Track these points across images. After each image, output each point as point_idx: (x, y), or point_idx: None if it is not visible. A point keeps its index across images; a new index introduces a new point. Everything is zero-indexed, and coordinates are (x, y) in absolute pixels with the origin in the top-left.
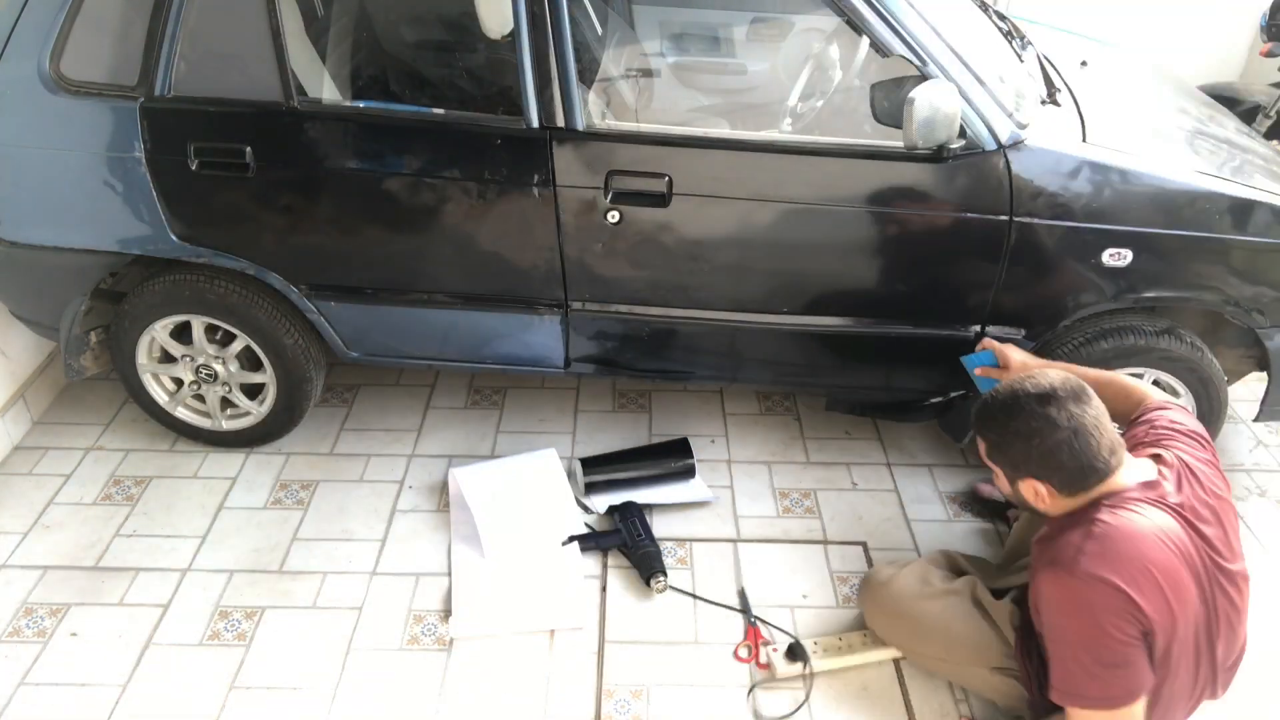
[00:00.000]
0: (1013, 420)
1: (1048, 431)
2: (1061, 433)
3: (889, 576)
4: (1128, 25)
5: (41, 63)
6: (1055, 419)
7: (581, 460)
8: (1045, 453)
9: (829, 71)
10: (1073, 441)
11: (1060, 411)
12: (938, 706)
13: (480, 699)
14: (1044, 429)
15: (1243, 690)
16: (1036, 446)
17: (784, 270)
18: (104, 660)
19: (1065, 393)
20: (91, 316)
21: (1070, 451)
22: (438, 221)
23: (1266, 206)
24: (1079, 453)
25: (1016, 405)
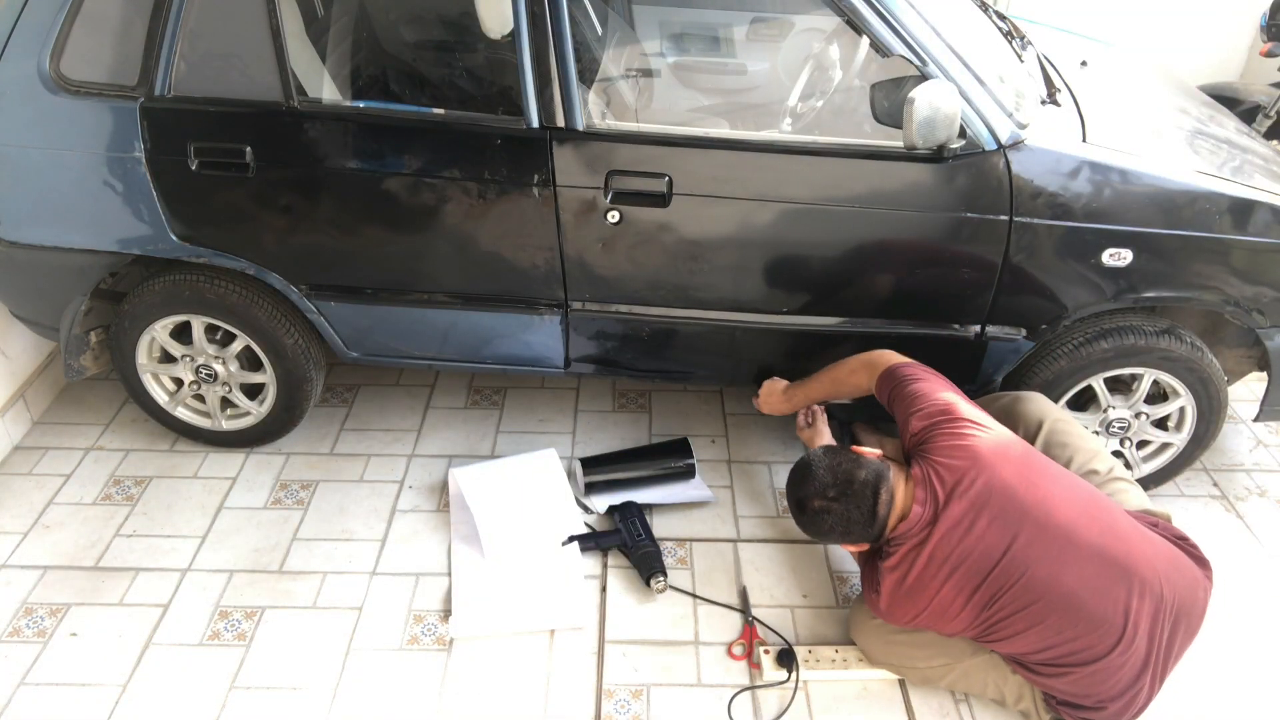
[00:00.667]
0: (800, 524)
1: (821, 525)
2: (828, 523)
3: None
4: (1128, 25)
5: (41, 63)
6: (819, 518)
7: (581, 460)
8: (831, 534)
9: (829, 71)
10: (839, 525)
11: (819, 510)
12: (937, 706)
13: (480, 699)
14: (818, 525)
15: (1243, 689)
16: (824, 533)
17: (784, 270)
18: (104, 660)
19: (815, 492)
20: (91, 316)
21: (845, 529)
22: (438, 221)
23: (1266, 206)
24: (851, 528)
25: (795, 515)
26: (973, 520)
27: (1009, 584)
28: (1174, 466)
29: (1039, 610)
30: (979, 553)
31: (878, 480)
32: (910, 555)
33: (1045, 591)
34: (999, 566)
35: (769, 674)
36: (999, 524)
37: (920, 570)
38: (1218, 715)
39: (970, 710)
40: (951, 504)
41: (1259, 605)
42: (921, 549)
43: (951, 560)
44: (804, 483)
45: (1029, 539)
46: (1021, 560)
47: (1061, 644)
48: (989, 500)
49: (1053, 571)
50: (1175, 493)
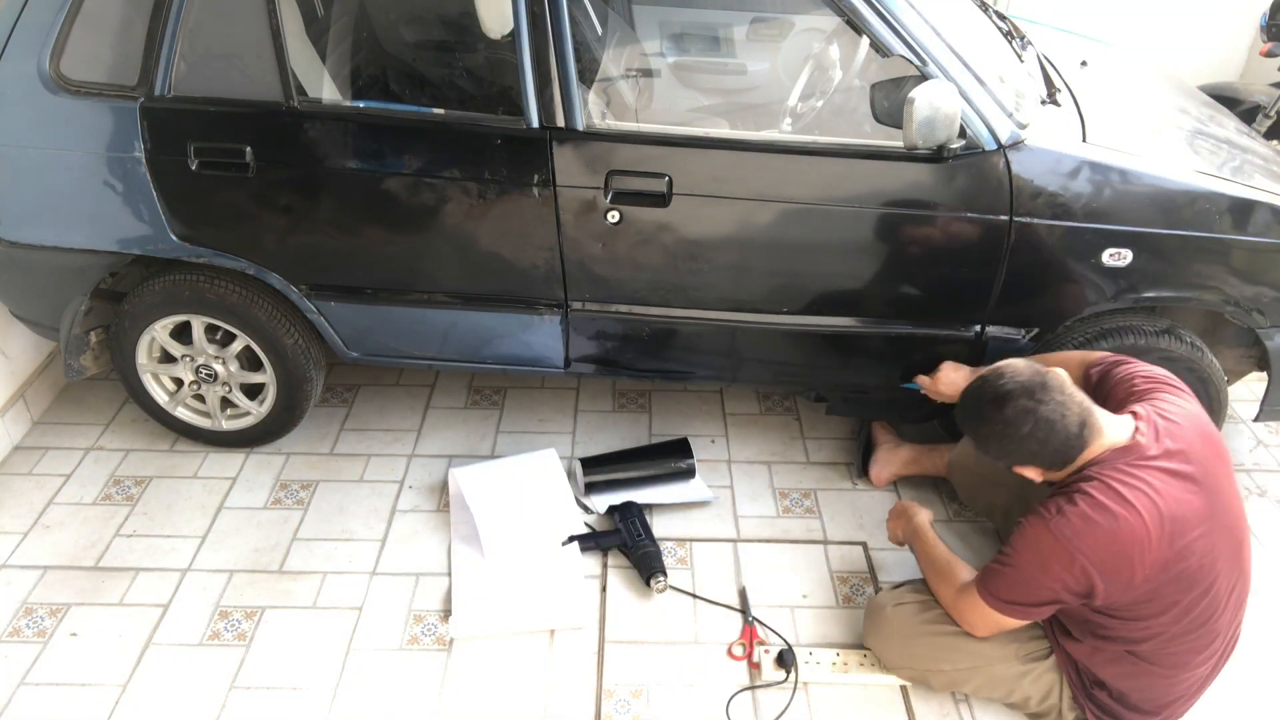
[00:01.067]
0: (981, 425)
1: (1012, 430)
2: (1024, 428)
3: (893, 602)
4: (1128, 25)
5: (41, 63)
6: (1014, 419)
7: (581, 460)
8: (1018, 445)
9: (829, 71)
10: (1037, 433)
11: (1016, 411)
12: (937, 707)
13: (480, 699)
14: (1008, 430)
15: (1243, 689)
16: (1009, 442)
17: (784, 270)
18: (104, 660)
19: (1019, 390)
20: (91, 316)
21: (1039, 441)
22: (438, 221)
23: (1266, 206)
24: (1047, 440)
25: (980, 413)
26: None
27: (1189, 559)
28: None
29: (1193, 599)
30: (1185, 510)
31: (1082, 399)
32: (1123, 477)
33: (1208, 586)
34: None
35: (768, 674)
36: (1204, 500)
37: (1134, 492)
38: (1218, 715)
39: (970, 711)
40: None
41: (1259, 605)
42: (1138, 472)
43: (1163, 499)
44: (1005, 381)
45: (1217, 530)
46: (1210, 546)
47: (1177, 638)
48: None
49: (1220, 570)
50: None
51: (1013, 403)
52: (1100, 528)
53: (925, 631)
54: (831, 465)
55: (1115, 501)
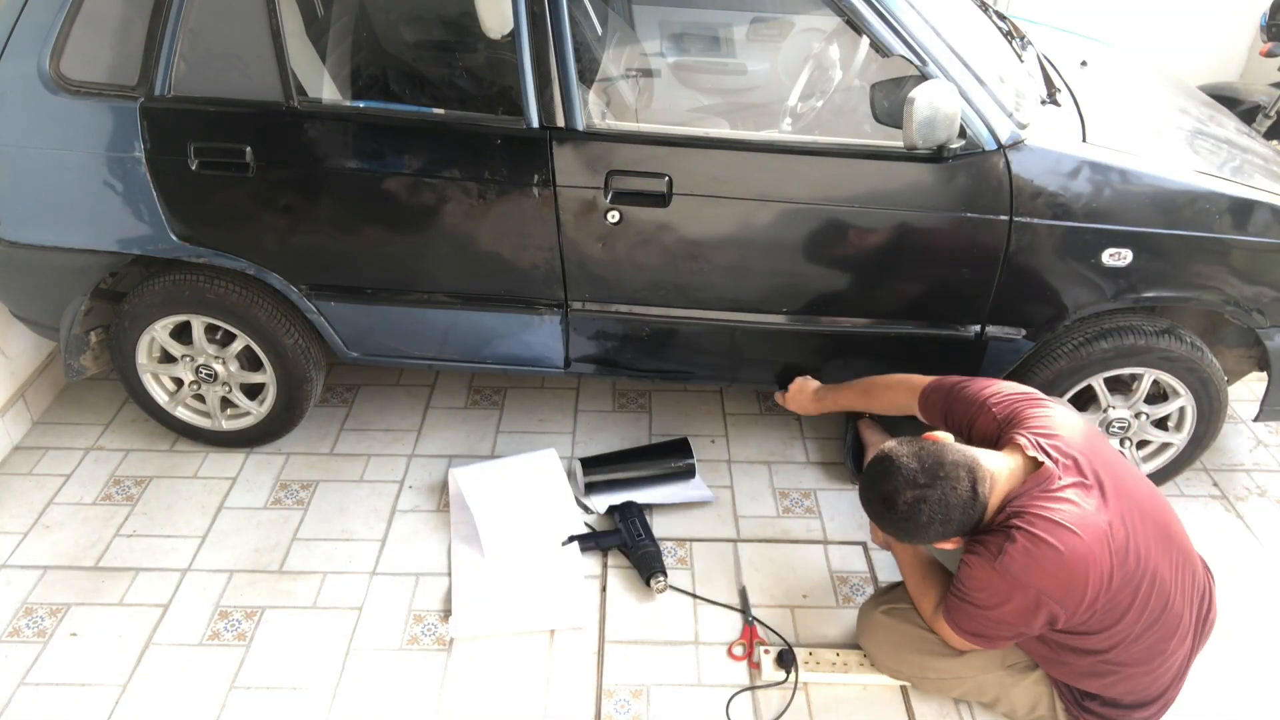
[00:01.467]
0: (885, 524)
1: (912, 522)
2: (921, 517)
3: (881, 609)
4: (1128, 25)
5: (41, 63)
6: (908, 513)
7: (581, 460)
8: (925, 531)
9: (829, 71)
10: (936, 517)
11: (906, 504)
12: (937, 707)
13: (480, 699)
14: (908, 523)
15: (1244, 689)
16: (916, 532)
17: (784, 270)
18: (104, 660)
19: (903, 483)
20: (91, 316)
21: (942, 522)
22: (438, 221)
23: (1266, 206)
24: (948, 519)
25: (877, 514)
26: (1089, 488)
27: (1128, 560)
28: (1174, 466)
29: (1143, 595)
30: (1107, 516)
31: (968, 459)
32: (1047, 504)
33: (1152, 577)
34: (1125, 540)
35: (768, 674)
36: (1115, 501)
37: (1065, 515)
38: (1219, 715)
39: (970, 711)
40: (1070, 469)
41: (1259, 605)
42: (1058, 496)
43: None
44: (888, 477)
45: (1136, 522)
46: (1138, 541)
47: (1142, 635)
48: (1099, 477)
49: (1155, 557)
50: (1175, 493)
51: (900, 497)
52: (1046, 559)
53: (912, 641)
54: (831, 465)
55: (1050, 531)
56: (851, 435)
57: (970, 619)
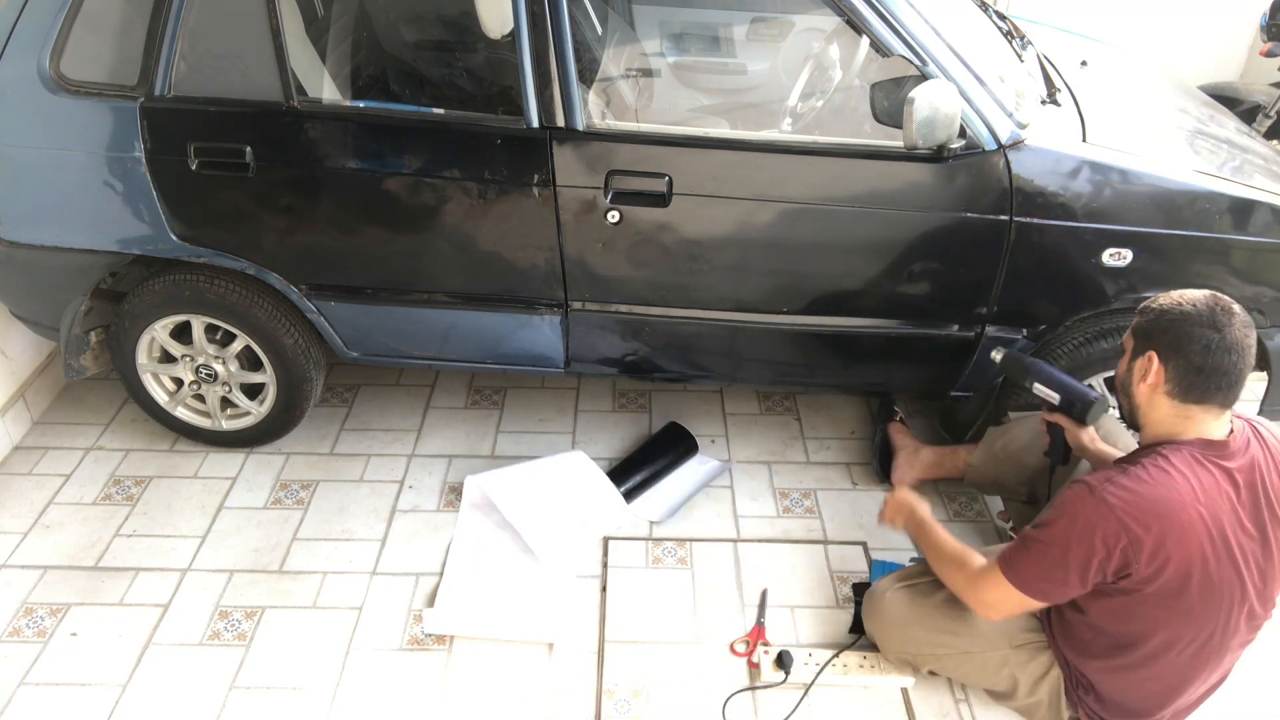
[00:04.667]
0: (1185, 304)
1: (1209, 327)
2: (1217, 335)
3: (892, 587)
4: (1128, 25)
5: (41, 63)
6: (1222, 323)
7: None
8: (1193, 341)
9: (829, 71)
10: (1218, 348)
11: (1233, 328)
12: (937, 705)
13: (480, 699)
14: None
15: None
16: (1189, 330)
17: (784, 270)
18: (104, 660)
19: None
20: (91, 316)
21: (1209, 352)
22: (438, 221)
23: (1266, 206)
24: (1214, 359)
25: (1198, 299)
26: (1246, 500)
27: (1219, 570)
28: None
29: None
30: (1232, 522)
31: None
32: (1188, 461)
33: (1230, 600)
34: (1233, 549)
35: (767, 675)
36: (1256, 526)
37: (1192, 476)
38: (1218, 715)
39: (970, 711)
40: (1251, 470)
41: None
42: (1208, 465)
43: (1215, 498)
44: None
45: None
46: (1234, 568)
47: (1182, 650)
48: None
49: (1238, 599)
50: None
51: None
52: (1148, 500)
53: (921, 617)
54: (831, 465)
55: (1165, 482)
56: (880, 437)
57: (1038, 560)
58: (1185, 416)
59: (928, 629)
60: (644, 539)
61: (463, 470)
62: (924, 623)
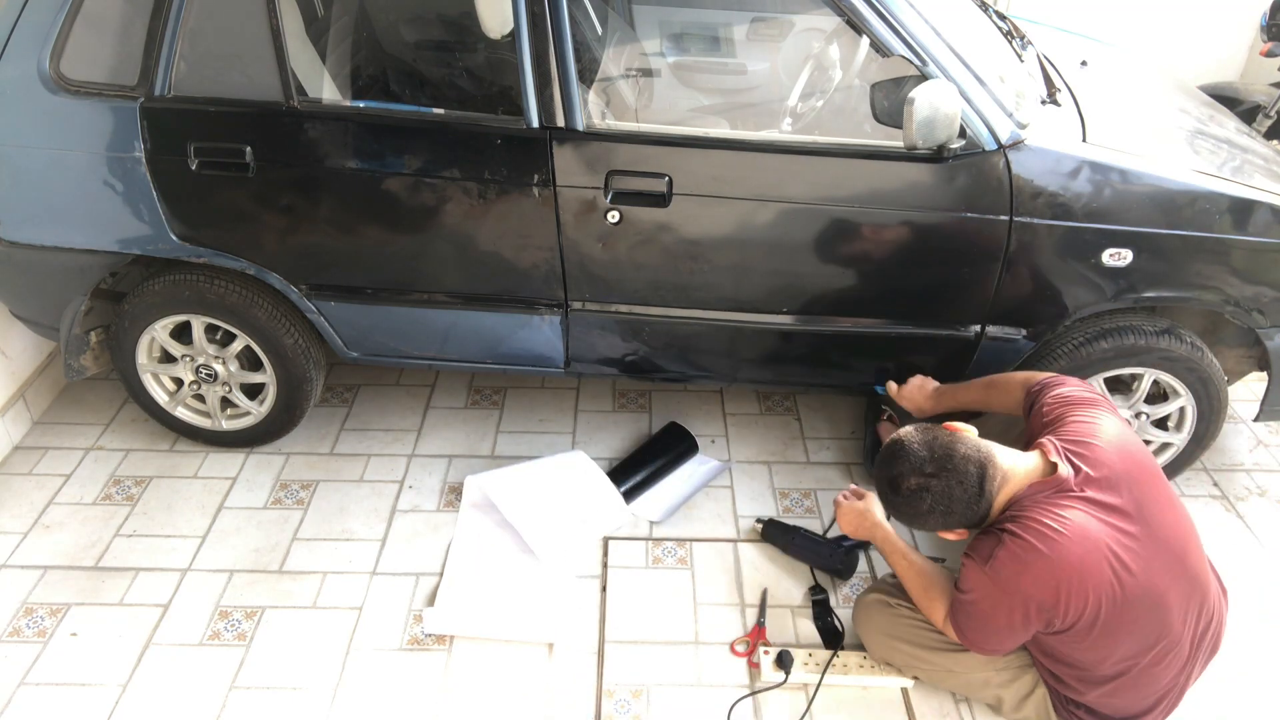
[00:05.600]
0: (889, 506)
1: (914, 508)
2: (923, 505)
3: (876, 601)
4: (1128, 25)
5: (41, 63)
6: (911, 499)
7: None
8: (925, 518)
9: (829, 71)
10: (938, 507)
11: (911, 490)
12: (937, 707)
13: (480, 699)
14: (910, 507)
15: (1244, 689)
16: (917, 517)
17: (784, 270)
18: (104, 660)
19: (909, 469)
20: (91, 316)
21: (943, 513)
22: (438, 221)
23: (1266, 206)
24: (950, 510)
25: (884, 495)
26: (1107, 508)
27: (1131, 580)
28: (1174, 466)
29: (1143, 620)
30: (1112, 534)
31: (980, 455)
32: (1044, 513)
33: (1154, 602)
34: (1132, 561)
35: (767, 675)
36: (1136, 522)
37: (1059, 522)
38: (1218, 715)
39: (970, 711)
40: (1094, 481)
41: (1259, 605)
42: (1060, 504)
43: (1086, 528)
44: (896, 460)
45: (1152, 546)
46: (1148, 565)
47: (1135, 656)
48: (1126, 494)
49: (1163, 584)
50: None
51: (905, 482)
52: (1034, 565)
53: (904, 631)
54: (831, 465)
55: (1039, 539)
56: (871, 436)
57: (972, 626)
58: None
59: (911, 644)
60: (644, 539)
61: (463, 470)
62: (906, 638)
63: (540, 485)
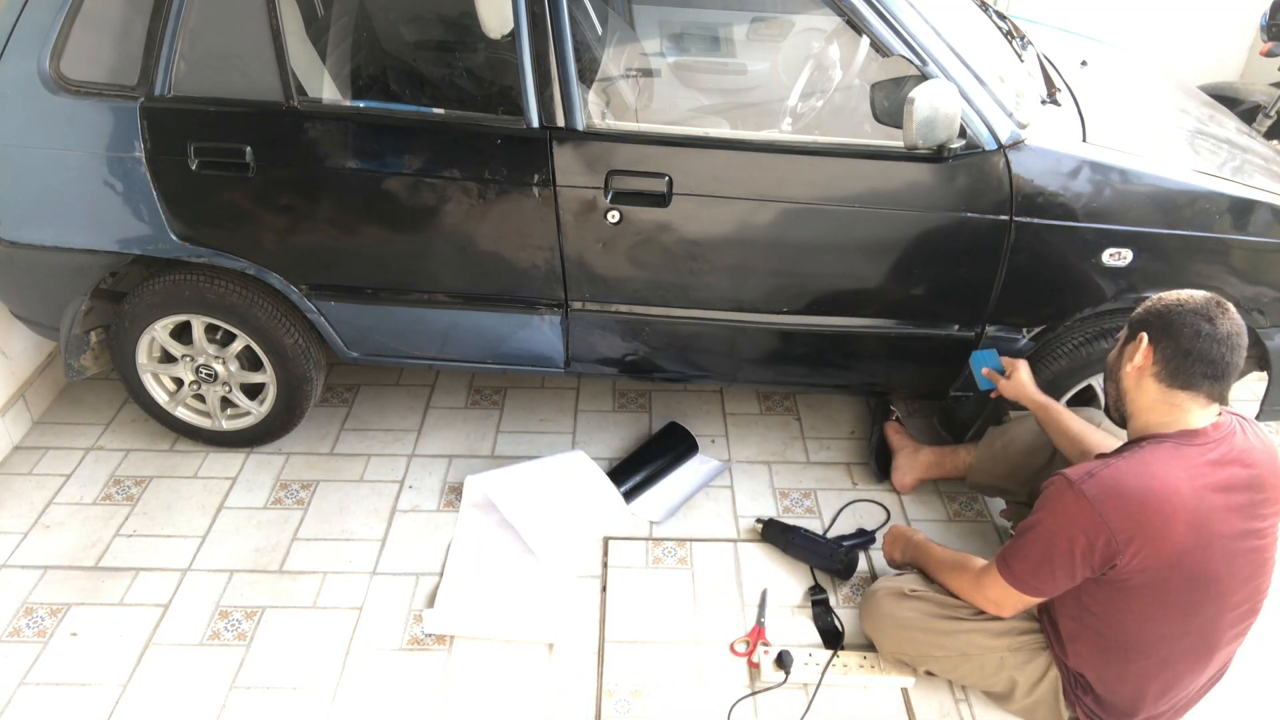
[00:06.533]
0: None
1: (1202, 317)
2: (1208, 325)
3: (887, 592)
4: (1128, 25)
5: (41, 63)
6: (1215, 316)
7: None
8: (1183, 326)
9: (829, 71)
10: (1208, 336)
11: (1223, 322)
12: (937, 706)
13: (480, 699)
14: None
15: (1244, 689)
16: (1182, 316)
17: (784, 270)
18: (104, 660)
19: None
20: (91, 316)
21: (1199, 338)
22: (438, 221)
23: (1266, 206)
24: (1203, 345)
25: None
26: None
27: (1210, 557)
28: None
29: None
30: (1217, 512)
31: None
32: (1167, 456)
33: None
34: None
35: (767, 675)
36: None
37: (1171, 469)
38: (1218, 715)
39: (970, 712)
40: (1231, 461)
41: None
42: (1187, 456)
43: (1197, 487)
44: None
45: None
46: (1227, 555)
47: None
48: (1252, 490)
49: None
50: None
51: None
52: (1127, 491)
53: (917, 621)
54: (831, 465)
55: (1145, 472)
56: (877, 436)
57: (1027, 556)
58: (1171, 404)
59: (925, 631)
60: (644, 539)
61: (463, 470)
62: (922, 625)
63: (540, 485)
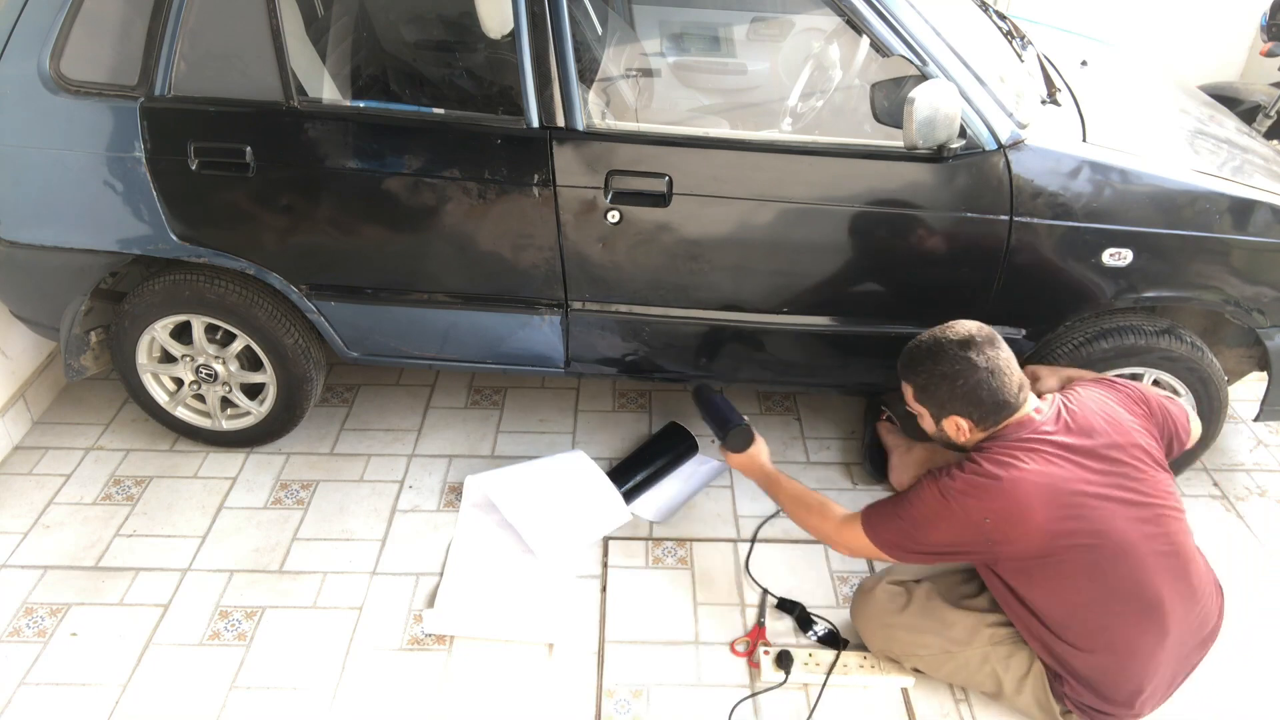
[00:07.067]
0: (938, 364)
1: (969, 372)
2: (980, 372)
3: (875, 589)
4: (1128, 25)
5: (41, 63)
6: (975, 361)
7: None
8: (967, 391)
9: (829, 71)
10: (990, 380)
11: (979, 354)
12: (937, 706)
13: (480, 699)
14: (965, 370)
15: (1244, 689)
16: (959, 386)
17: (784, 270)
18: (104, 660)
19: (982, 338)
20: (91, 316)
21: (989, 389)
22: (438, 221)
23: (1266, 206)
24: (995, 390)
25: (940, 350)
26: (1077, 452)
27: (1082, 519)
28: (1175, 466)
29: (1102, 567)
30: (1072, 479)
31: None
32: (1011, 448)
33: (1117, 553)
34: (1088, 501)
35: (767, 675)
36: (1099, 472)
37: (1018, 456)
38: (1218, 715)
39: (970, 712)
40: (1070, 430)
41: (1260, 604)
42: (1027, 442)
43: (1045, 466)
44: (950, 330)
45: (1120, 505)
46: (1101, 512)
47: (1105, 607)
48: (1099, 446)
49: (1135, 537)
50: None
51: (975, 346)
52: (984, 490)
53: (902, 620)
54: (831, 465)
55: (998, 466)
56: (870, 435)
57: (894, 530)
58: (997, 425)
59: (909, 629)
60: (644, 539)
61: (463, 470)
62: (905, 623)
63: (540, 485)
